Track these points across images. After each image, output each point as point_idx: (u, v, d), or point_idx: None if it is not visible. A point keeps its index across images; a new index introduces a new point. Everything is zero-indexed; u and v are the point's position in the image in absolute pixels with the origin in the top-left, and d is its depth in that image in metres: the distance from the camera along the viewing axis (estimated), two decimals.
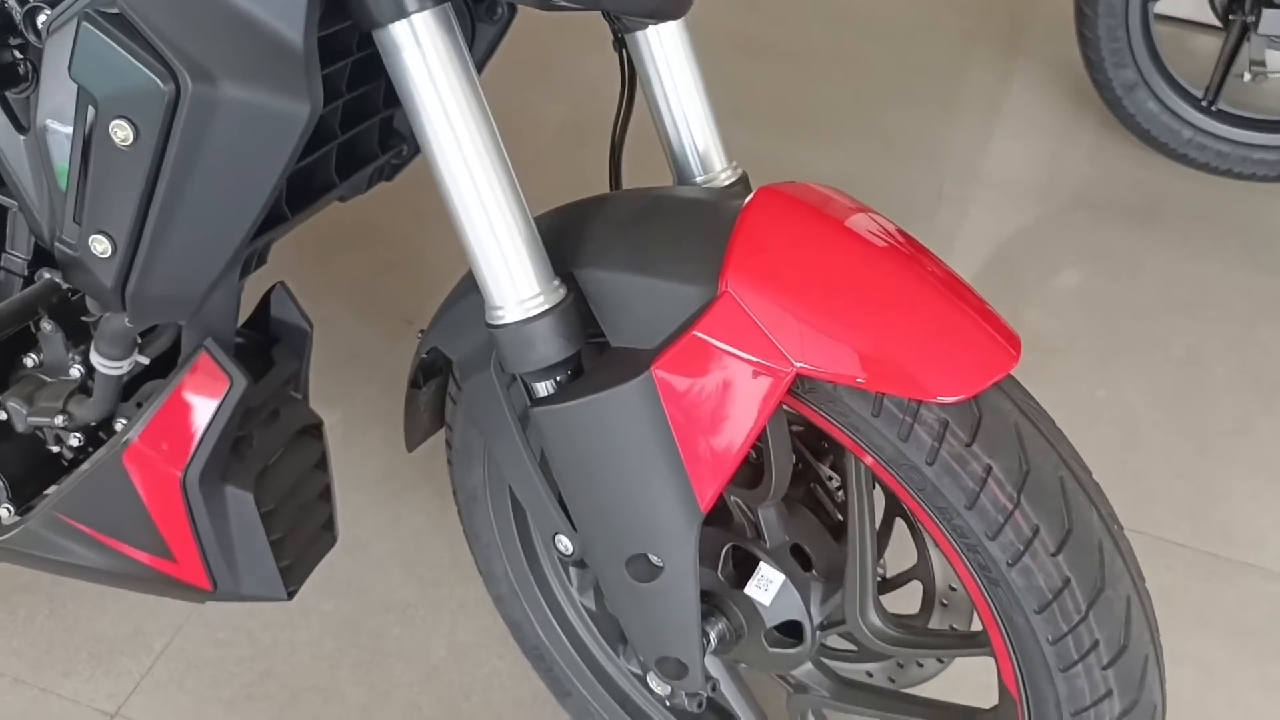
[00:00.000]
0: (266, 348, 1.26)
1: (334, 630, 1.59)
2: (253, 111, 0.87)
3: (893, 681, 1.25)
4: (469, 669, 1.56)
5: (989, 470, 0.93)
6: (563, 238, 1.04)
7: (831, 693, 1.26)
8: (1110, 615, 0.94)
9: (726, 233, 0.95)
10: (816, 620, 1.17)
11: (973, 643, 1.11)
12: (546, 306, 0.98)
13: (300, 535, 1.26)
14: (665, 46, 1.13)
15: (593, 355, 1.02)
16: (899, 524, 1.23)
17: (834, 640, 1.24)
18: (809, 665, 1.25)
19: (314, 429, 1.30)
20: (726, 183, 1.17)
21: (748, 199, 0.98)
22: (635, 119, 1.20)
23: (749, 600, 1.16)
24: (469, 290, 1.12)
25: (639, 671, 1.35)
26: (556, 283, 0.99)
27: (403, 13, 0.89)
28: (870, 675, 1.26)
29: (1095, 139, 2.81)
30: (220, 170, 0.90)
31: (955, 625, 1.20)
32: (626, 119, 1.23)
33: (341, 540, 1.33)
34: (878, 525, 1.16)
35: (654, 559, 1.04)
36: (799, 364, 0.92)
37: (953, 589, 1.18)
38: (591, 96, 2.63)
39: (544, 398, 1.01)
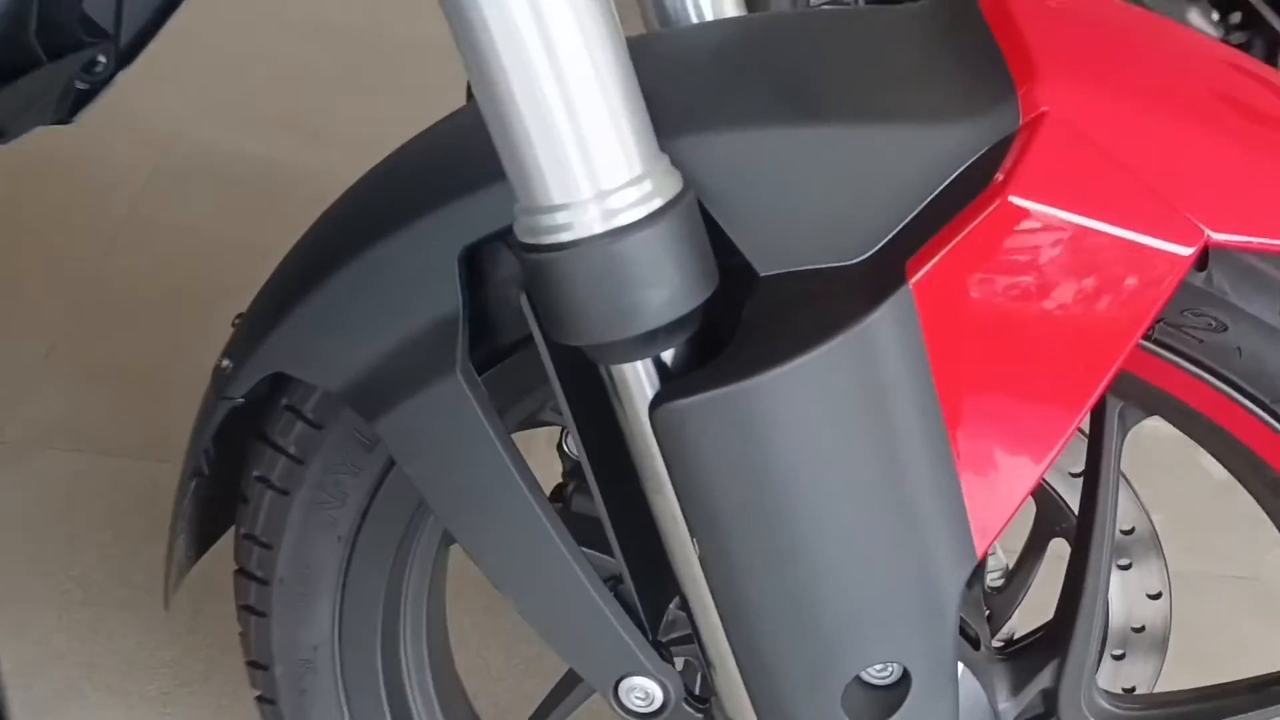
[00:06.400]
0: None
1: None
2: None
3: None
4: None
5: None
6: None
7: None
8: None
9: (977, 24, 0.52)
10: None
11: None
12: (660, 202, 0.48)
13: None
14: None
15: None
16: None
17: None
18: None
19: None
20: None
21: None
22: None
23: None
24: (337, 259, 0.61)
25: None
26: (668, 160, 0.50)
27: None
28: None
29: None
30: None
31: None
32: None
33: None
34: None
35: (884, 671, 0.55)
36: (1211, 230, 0.49)
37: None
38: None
39: (681, 381, 0.50)
